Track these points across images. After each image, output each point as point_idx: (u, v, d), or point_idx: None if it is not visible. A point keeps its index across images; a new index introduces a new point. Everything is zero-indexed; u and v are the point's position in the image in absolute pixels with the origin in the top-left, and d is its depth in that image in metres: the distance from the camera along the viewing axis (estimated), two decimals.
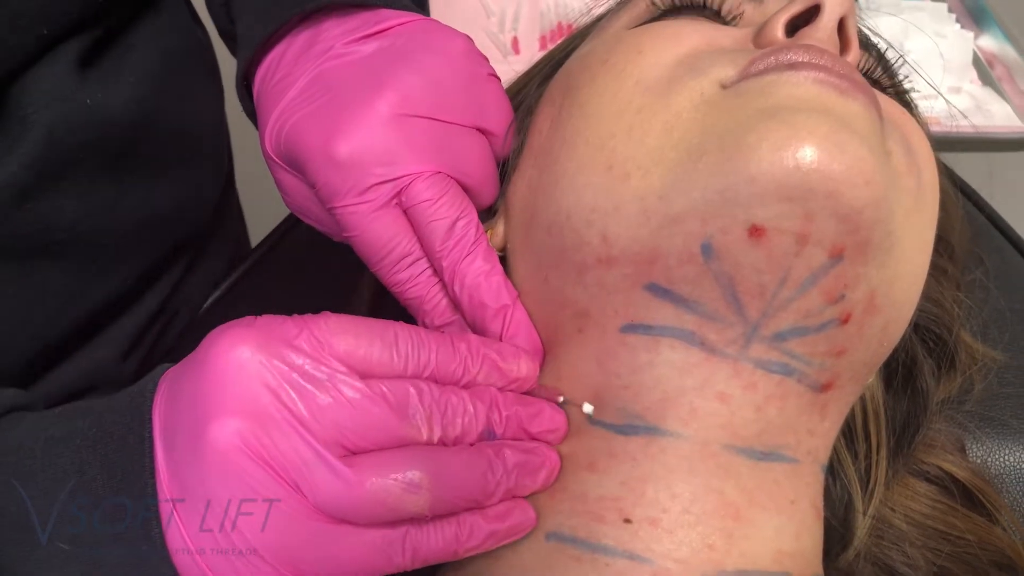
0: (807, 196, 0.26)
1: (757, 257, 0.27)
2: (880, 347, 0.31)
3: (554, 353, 0.32)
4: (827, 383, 0.30)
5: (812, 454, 0.31)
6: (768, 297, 0.28)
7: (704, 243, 0.27)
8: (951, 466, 0.39)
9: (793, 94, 0.27)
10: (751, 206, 0.26)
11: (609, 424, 0.30)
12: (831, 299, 0.28)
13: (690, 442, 0.29)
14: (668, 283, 0.28)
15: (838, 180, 0.26)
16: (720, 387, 0.29)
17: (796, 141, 0.26)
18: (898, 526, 0.38)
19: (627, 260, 0.29)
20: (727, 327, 0.28)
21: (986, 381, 0.43)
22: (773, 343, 0.29)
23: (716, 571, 0.29)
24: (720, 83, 0.29)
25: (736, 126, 0.27)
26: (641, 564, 0.28)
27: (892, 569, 0.37)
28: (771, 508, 0.30)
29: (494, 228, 0.36)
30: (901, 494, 0.38)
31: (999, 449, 0.43)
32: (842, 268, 0.27)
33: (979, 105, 0.83)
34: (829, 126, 0.26)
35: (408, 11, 0.37)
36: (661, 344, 0.29)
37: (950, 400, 0.42)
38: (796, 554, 0.30)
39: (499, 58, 0.74)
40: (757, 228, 0.26)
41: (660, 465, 0.29)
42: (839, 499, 0.37)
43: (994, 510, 0.39)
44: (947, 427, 0.41)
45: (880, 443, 0.37)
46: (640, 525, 0.29)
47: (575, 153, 0.31)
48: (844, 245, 0.27)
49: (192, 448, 0.25)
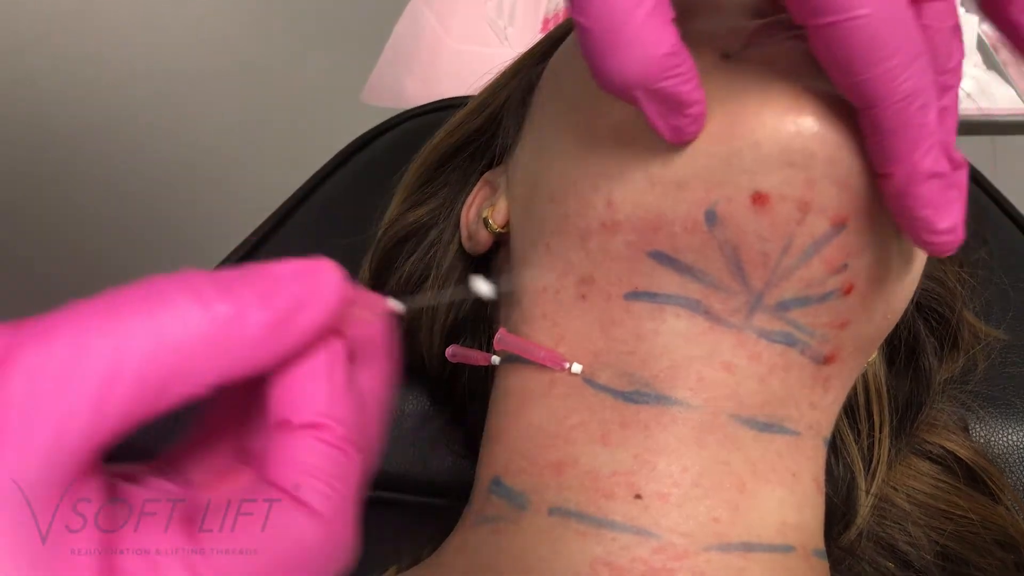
0: (809, 162, 0.26)
1: (760, 224, 0.27)
2: (884, 320, 0.31)
3: (554, 320, 0.32)
4: (830, 355, 0.30)
5: (814, 428, 0.31)
6: (771, 266, 0.28)
7: (708, 210, 0.27)
8: (954, 445, 0.39)
9: (797, 62, 0.27)
10: (755, 172, 0.26)
11: (617, 391, 0.30)
12: (833, 268, 0.28)
13: (699, 412, 0.29)
14: (673, 251, 0.28)
15: (837, 145, 0.26)
16: (726, 357, 0.29)
17: (799, 107, 0.26)
18: (901, 505, 0.37)
19: (631, 226, 0.29)
20: (731, 296, 0.28)
21: (989, 360, 0.43)
22: (776, 313, 0.28)
23: (720, 544, 0.28)
24: (724, 52, 0.29)
25: (741, 92, 0.27)
26: (647, 538, 0.28)
27: (894, 548, 0.37)
28: (774, 480, 0.30)
29: (495, 205, 0.35)
30: (904, 473, 0.38)
31: (1003, 429, 0.43)
32: (845, 237, 0.27)
33: (983, 89, 0.83)
34: (830, 93, 0.26)
35: None
36: (666, 312, 0.29)
37: (953, 379, 0.42)
38: (799, 527, 0.30)
39: (496, 42, 0.74)
40: (760, 195, 0.26)
41: (673, 436, 0.29)
42: (842, 477, 0.36)
43: (997, 490, 0.39)
44: (950, 407, 0.41)
45: (883, 422, 0.37)
46: (650, 500, 0.29)
47: (586, 118, 0.30)
48: (847, 214, 0.27)
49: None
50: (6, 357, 0.16)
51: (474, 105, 0.44)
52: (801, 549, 0.30)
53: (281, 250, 0.56)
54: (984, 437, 0.43)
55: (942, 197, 0.25)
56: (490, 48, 0.79)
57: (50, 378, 0.16)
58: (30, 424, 0.16)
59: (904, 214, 0.26)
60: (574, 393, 0.31)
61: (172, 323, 0.17)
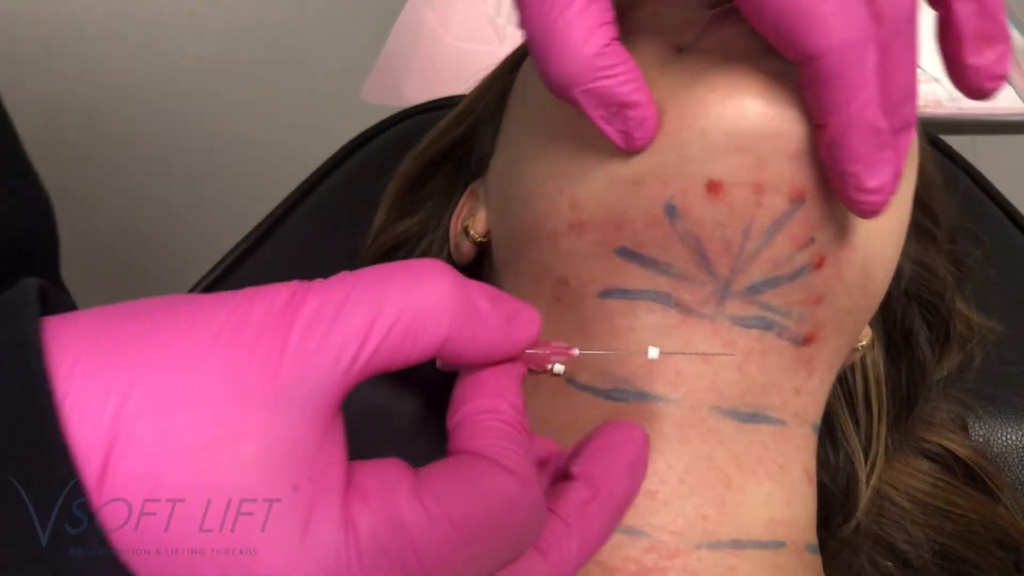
0: (756, 143, 0.26)
1: (718, 212, 0.27)
2: (863, 293, 0.30)
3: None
4: (809, 335, 0.30)
5: (800, 415, 0.31)
6: (735, 252, 0.28)
7: (667, 204, 0.27)
8: (953, 444, 0.39)
9: (749, 46, 0.27)
10: (705, 161, 0.26)
11: (598, 390, 0.30)
12: (799, 244, 0.28)
13: (680, 406, 0.29)
14: (637, 246, 0.28)
15: (783, 119, 0.26)
16: (700, 347, 0.29)
17: (740, 89, 0.26)
18: (900, 504, 0.37)
19: (596, 226, 0.29)
20: (699, 286, 0.28)
21: (985, 352, 0.42)
22: (747, 297, 0.28)
23: (710, 541, 0.28)
24: (679, 45, 0.29)
25: (690, 85, 0.27)
26: (638, 537, 0.28)
27: (893, 546, 0.37)
28: (760, 473, 0.30)
29: (476, 214, 0.36)
30: (903, 472, 0.38)
31: (1002, 428, 0.43)
32: (806, 211, 0.27)
33: None
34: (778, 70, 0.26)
35: None
36: (638, 308, 0.29)
37: (950, 373, 0.41)
38: (788, 522, 0.30)
39: (495, 41, 0.74)
40: (714, 183, 0.27)
41: (655, 433, 0.29)
42: (841, 468, 0.36)
43: (996, 489, 0.39)
44: (949, 405, 0.41)
45: (881, 411, 0.37)
46: (639, 499, 0.28)
47: (547, 124, 0.31)
48: (803, 188, 0.27)
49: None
50: (296, 295, 0.19)
51: (456, 113, 0.44)
52: (792, 545, 0.30)
53: (282, 248, 0.56)
54: (983, 436, 0.43)
55: (874, 154, 0.25)
56: (489, 46, 0.79)
57: (327, 314, 0.19)
58: (322, 339, 0.19)
59: (835, 167, 0.25)
60: (558, 393, 0.31)
61: (423, 290, 0.20)
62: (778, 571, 0.29)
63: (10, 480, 0.17)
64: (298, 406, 0.19)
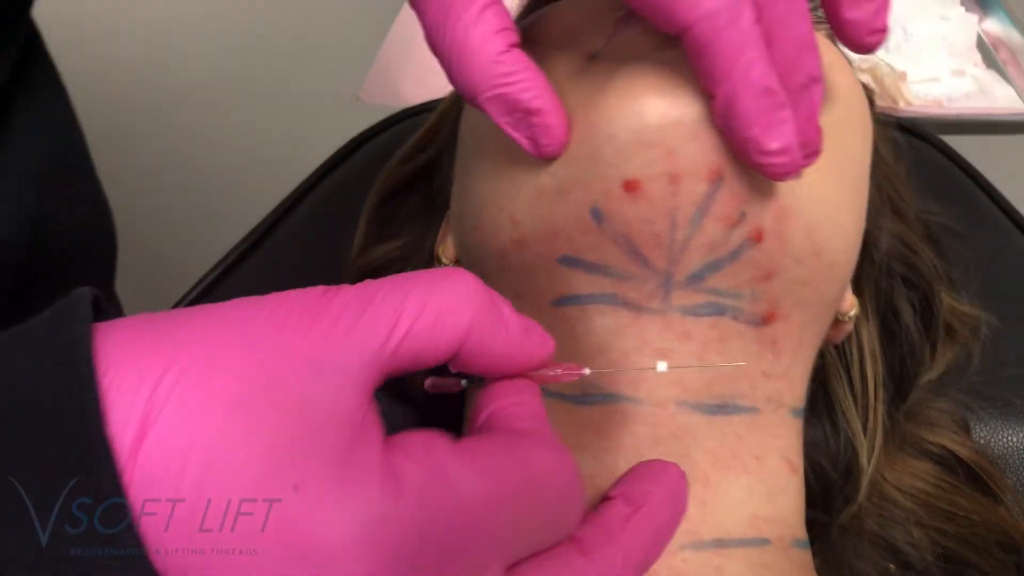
0: (660, 135, 0.26)
1: (640, 209, 0.27)
2: (818, 260, 0.29)
3: None
4: (767, 314, 0.29)
5: (774, 399, 0.30)
6: (666, 244, 0.28)
7: (592, 208, 0.28)
8: (955, 445, 0.39)
9: (650, 41, 0.28)
10: (618, 163, 0.27)
11: (568, 396, 0.30)
12: (731, 222, 0.27)
13: (646, 405, 0.29)
14: (575, 253, 0.29)
15: (682, 105, 0.26)
16: (656, 343, 0.29)
17: (636, 87, 0.26)
18: (904, 504, 0.37)
19: (535, 238, 0.29)
20: (642, 283, 0.28)
21: (985, 354, 0.42)
22: (692, 286, 0.28)
23: (693, 542, 0.28)
24: (590, 52, 0.29)
25: (597, 91, 0.27)
26: None
27: (895, 548, 0.37)
28: (737, 467, 0.29)
29: (445, 244, 0.36)
30: (906, 473, 0.38)
31: (1003, 429, 0.43)
32: (727, 188, 0.27)
33: (983, 88, 0.83)
34: (661, 68, 0.27)
35: None
36: (590, 311, 0.29)
37: (950, 374, 0.41)
38: (772, 518, 0.30)
39: None
40: (630, 182, 0.27)
41: (626, 433, 0.29)
42: (842, 451, 0.36)
43: (998, 491, 0.39)
44: (951, 406, 0.41)
45: (878, 386, 0.37)
46: None
47: (483, 146, 0.31)
48: (718, 166, 0.27)
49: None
50: (328, 292, 0.20)
51: (422, 133, 0.45)
52: (778, 542, 0.30)
53: (283, 247, 0.56)
54: (984, 438, 0.43)
55: (769, 116, 0.25)
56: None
57: (358, 305, 0.20)
58: (354, 320, 0.20)
59: (734, 136, 0.25)
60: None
61: (448, 284, 0.21)
62: (766, 569, 0.29)
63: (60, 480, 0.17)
64: (336, 381, 0.19)
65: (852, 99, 0.32)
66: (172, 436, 0.17)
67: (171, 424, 0.17)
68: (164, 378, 0.18)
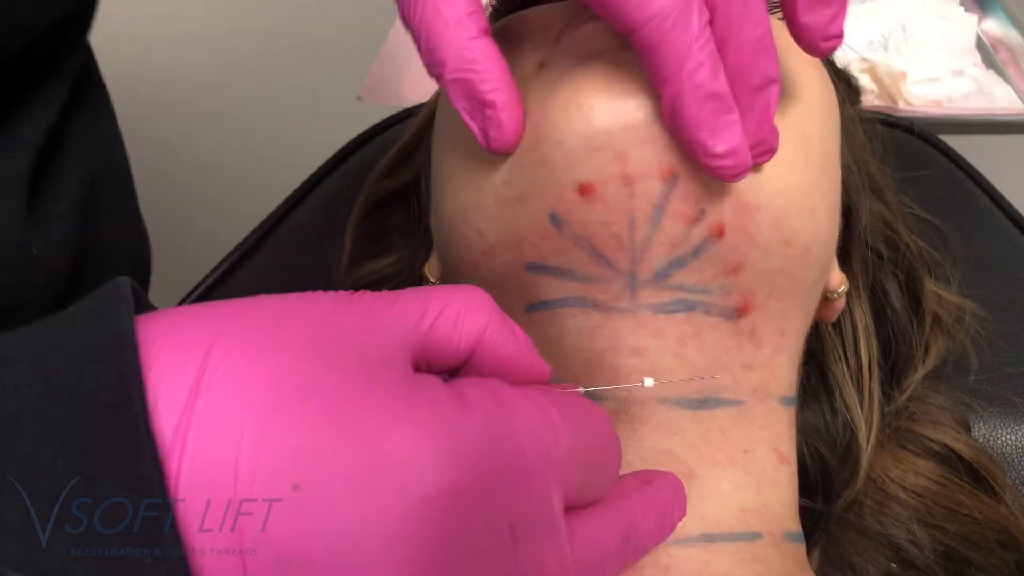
0: (609, 139, 0.26)
1: (597, 212, 0.27)
2: (788, 247, 0.29)
3: None
4: (741, 306, 0.29)
5: (759, 391, 0.30)
6: (627, 244, 0.28)
7: (551, 214, 0.28)
8: (956, 443, 0.39)
9: (593, 41, 0.28)
10: (571, 169, 0.27)
11: None
12: (690, 219, 0.27)
13: (625, 404, 0.29)
14: (540, 259, 0.29)
15: (630, 108, 0.26)
16: (630, 342, 0.29)
17: (583, 92, 0.26)
18: (906, 502, 0.37)
19: (502, 248, 0.29)
20: (608, 283, 0.28)
21: (984, 353, 0.42)
22: (658, 283, 0.28)
23: (679, 538, 0.28)
24: (540, 61, 0.29)
25: (541, 99, 0.27)
26: None
27: (897, 546, 0.37)
28: (723, 461, 0.29)
29: (430, 262, 0.36)
30: (909, 470, 0.38)
31: (1003, 428, 0.43)
32: (683, 186, 0.27)
33: (982, 88, 0.83)
34: (608, 70, 0.27)
35: None
36: (561, 315, 0.29)
37: (947, 369, 0.41)
38: (761, 511, 0.30)
39: None
40: (584, 186, 0.27)
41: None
42: (840, 436, 0.36)
43: (999, 489, 0.39)
44: (951, 405, 0.41)
45: (872, 364, 0.37)
46: None
47: (448, 162, 0.32)
48: (671, 165, 0.27)
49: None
50: (354, 294, 0.21)
51: (399, 148, 0.46)
52: (769, 536, 0.29)
53: (283, 247, 0.56)
54: (984, 436, 0.43)
55: (715, 119, 0.25)
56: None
57: (383, 303, 0.21)
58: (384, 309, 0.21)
59: (681, 137, 0.25)
60: None
61: (465, 290, 0.22)
62: (757, 564, 0.29)
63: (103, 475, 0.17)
64: (384, 337, 0.20)
65: (812, 81, 0.31)
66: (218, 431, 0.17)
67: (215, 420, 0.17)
68: (208, 359, 0.18)
